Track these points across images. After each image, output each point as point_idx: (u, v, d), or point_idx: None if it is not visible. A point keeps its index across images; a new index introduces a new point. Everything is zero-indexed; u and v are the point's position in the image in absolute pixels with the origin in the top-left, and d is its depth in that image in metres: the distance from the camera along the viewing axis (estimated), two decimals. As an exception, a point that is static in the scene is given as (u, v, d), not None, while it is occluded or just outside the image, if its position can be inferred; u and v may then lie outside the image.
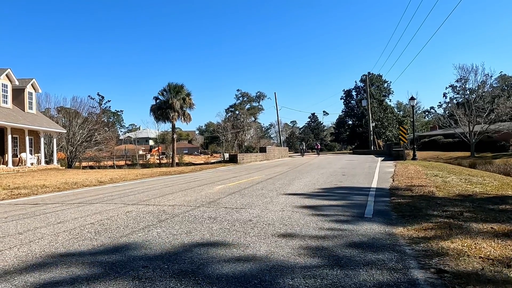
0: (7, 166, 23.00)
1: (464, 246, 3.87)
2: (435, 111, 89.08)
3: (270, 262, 3.48)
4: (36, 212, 6.69)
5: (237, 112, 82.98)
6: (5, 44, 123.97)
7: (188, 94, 41.72)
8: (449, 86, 61.87)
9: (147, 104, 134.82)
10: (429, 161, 29.15)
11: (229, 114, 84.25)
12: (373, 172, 14.96)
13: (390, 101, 70.02)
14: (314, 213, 6.06)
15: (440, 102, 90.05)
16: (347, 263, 3.43)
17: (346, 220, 5.43)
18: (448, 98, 63.02)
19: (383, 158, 28.11)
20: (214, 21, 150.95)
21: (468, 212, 5.88)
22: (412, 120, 32.99)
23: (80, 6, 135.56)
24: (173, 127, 43.48)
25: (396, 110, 74.09)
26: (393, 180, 11.34)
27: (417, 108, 78.42)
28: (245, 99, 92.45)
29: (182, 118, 41.68)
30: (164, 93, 41.33)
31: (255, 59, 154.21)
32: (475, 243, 3.97)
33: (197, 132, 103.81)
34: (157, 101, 41.58)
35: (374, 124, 54.40)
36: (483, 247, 3.85)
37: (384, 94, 67.08)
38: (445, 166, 20.03)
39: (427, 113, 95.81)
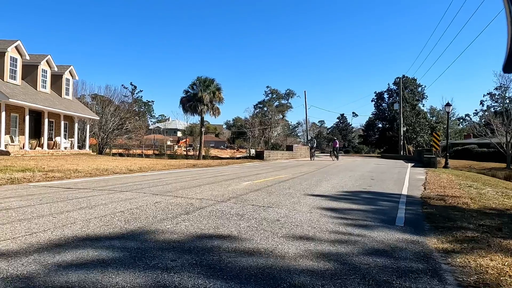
0: (42, 148, 23.95)
1: (505, 265, 3.66)
2: (471, 118, 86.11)
3: (300, 266, 3.40)
4: (69, 196, 6.88)
5: (265, 109, 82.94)
6: (45, 30, 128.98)
7: (219, 88, 41.98)
8: (487, 93, 59.89)
9: (177, 96, 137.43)
10: (462, 170, 28.14)
11: (257, 110, 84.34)
12: (403, 178, 14.55)
13: (423, 106, 68.16)
14: (343, 217, 5.93)
15: (476, 110, 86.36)
16: (379, 273, 3.31)
17: (376, 227, 5.27)
18: (485, 106, 60.88)
19: (413, 164, 27.32)
20: (258, 23, 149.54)
21: (507, 228, 5.58)
22: (446, 126, 31.89)
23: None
24: (202, 120, 43.92)
25: (428, 115, 71.87)
26: (424, 188, 10.97)
27: (452, 115, 75.66)
28: (274, 96, 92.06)
29: (211, 112, 42.02)
30: (194, 86, 41.77)
31: (289, 58, 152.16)
32: (516, 263, 3.75)
33: (224, 126, 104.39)
34: (187, 93, 42.09)
35: (405, 129, 52.95)
36: (526, 267, 3.62)
37: (417, 98, 65.24)
38: (480, 177, 19.26)
39: (461, 120, 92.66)
